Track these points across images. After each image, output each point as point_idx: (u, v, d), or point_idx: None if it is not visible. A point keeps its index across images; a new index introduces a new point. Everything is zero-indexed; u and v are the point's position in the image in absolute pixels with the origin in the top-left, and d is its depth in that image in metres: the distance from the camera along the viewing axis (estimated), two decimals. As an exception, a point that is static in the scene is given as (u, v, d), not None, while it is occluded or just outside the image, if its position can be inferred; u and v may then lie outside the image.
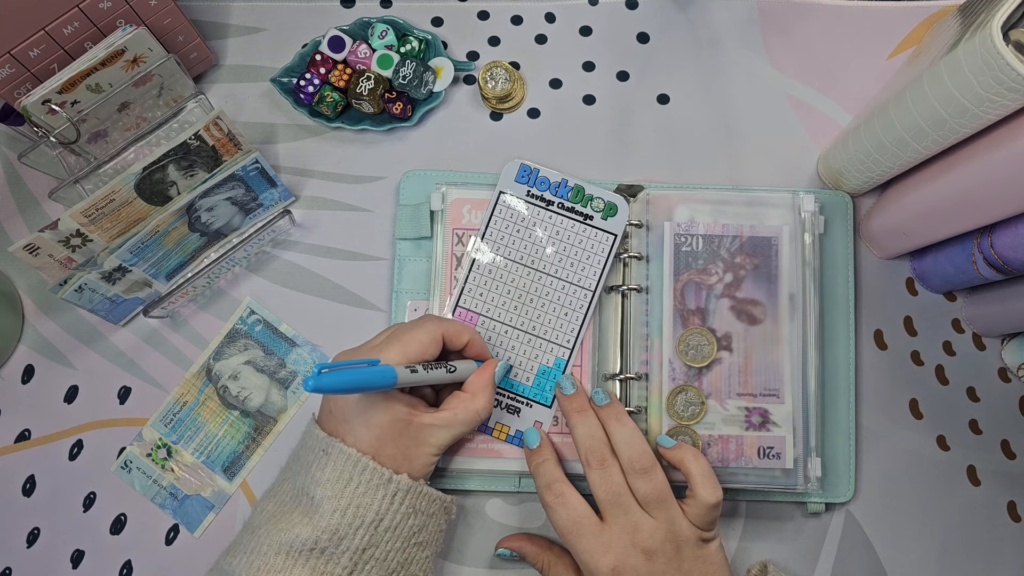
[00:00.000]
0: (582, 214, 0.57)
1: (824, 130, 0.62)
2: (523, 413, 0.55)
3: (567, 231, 0.57)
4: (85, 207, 0.50)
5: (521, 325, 0.56)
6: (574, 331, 0.56)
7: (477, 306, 0.56)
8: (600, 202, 0.57)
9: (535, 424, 0.55)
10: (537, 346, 0.56)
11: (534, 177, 0.57)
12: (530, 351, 0.56)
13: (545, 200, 0.57)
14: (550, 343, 0.56)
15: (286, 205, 0.60)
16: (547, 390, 0.55)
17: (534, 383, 0.55)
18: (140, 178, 0.52)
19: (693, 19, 0.64)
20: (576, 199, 0.57)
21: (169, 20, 0.56)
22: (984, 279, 0.53)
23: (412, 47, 0.61)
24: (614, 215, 0.57)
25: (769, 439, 0.54)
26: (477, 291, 0.56)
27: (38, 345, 0.59)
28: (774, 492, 0.55)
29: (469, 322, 0.56)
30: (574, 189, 0.57)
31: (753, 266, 0.56)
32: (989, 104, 0.43)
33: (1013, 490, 0.58)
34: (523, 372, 0.56)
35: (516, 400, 0.55)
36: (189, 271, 0.60)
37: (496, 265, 0.56)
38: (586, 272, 0.56)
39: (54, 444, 0.58)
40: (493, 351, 0.56)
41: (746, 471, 0.54)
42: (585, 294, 0.56)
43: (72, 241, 0.52)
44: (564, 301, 0.56)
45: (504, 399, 0.55)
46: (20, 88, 0.53)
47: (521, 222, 0.57)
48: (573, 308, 0.56)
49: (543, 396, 0.55)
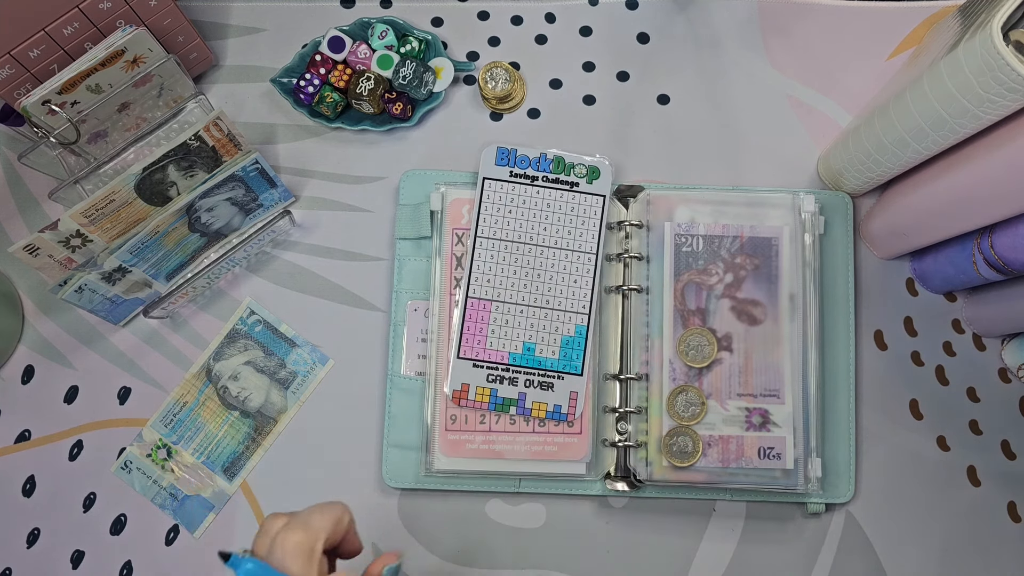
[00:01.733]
0: (567, 182, 0.57)
1: (824, 130, 0.62)
2: (557, 387, 0.55)
3: (556, 201, 0.57)
4: (85, 207, 0.50)
5: (535, 302, 0.56)
6: (587, 296, 0.56)
7: (487, 293, 0.56)
8: (582, 168, 0.58)
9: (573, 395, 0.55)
10: (555, 318, 0.56)
11: (513, 157, 0.58)
12: (549, 325, 0.56)
13: (528, 176, 0.57)
14: (567, 312, 0.56)
15: (286, 205, 0.60)
16: (575, 359, 0.56)
17: (560, 355, 0.56)
18: (140, 178, 0.52)
19: (693, 19, 0.64)
20: (558, 169, 0.57)
21: (169, 20, 0.56)
22: (984, 279, 0.53)
23: (412, 47, 0.61)
24: (598, 177, 0.57)
25: (769, 439, 0.54)
26: (484, 279, 0.56)
27: (38, 345, 0.59)
28: (774, 492, 0.55)
29: (483, 310, 0.56)
30: (554, 160, 0.58)
31: (753, 266, 0.56)
32: (989, 104, 0.43)
33: (1013, 490, 0.58)
34: (548, 347, 0.56)
35: (547, 376, 0.56)
36: (189, 271, 0.60)
37: (496, 250, 0.57)
38: (584, 237, 0.57)
39: (54, 444, 0.58)
40: (512, 333, 0.56)
41: (746, 471, 0.54)
42: (588, 258, 0.57)
43: (72, 241, 0.52)
44: (570, 269, 0.56)
45: (535, 377, 0.56)
46: (20, 89, 0.53)
47: (511, 203, 0.57)
48: (580, 274, 0.56)
49: (572, 366, 0.56)
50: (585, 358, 0.56)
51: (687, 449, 0.54)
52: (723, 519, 0.57)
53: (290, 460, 0.58)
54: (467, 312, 0.56)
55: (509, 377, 0.55)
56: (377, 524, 0.57)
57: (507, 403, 0.55)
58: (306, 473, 0.58)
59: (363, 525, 0.57)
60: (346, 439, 0.58)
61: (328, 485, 0.57)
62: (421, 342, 0.58)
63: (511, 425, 0.56)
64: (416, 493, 0.57)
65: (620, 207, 0.59)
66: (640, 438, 0.55)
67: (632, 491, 0.55)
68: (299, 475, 0.57)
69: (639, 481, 0.55)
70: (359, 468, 0.58)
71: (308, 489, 0.57)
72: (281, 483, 0.57)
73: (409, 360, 0.58)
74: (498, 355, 0.56)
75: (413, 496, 0.57)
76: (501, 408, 0.55)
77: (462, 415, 0.56)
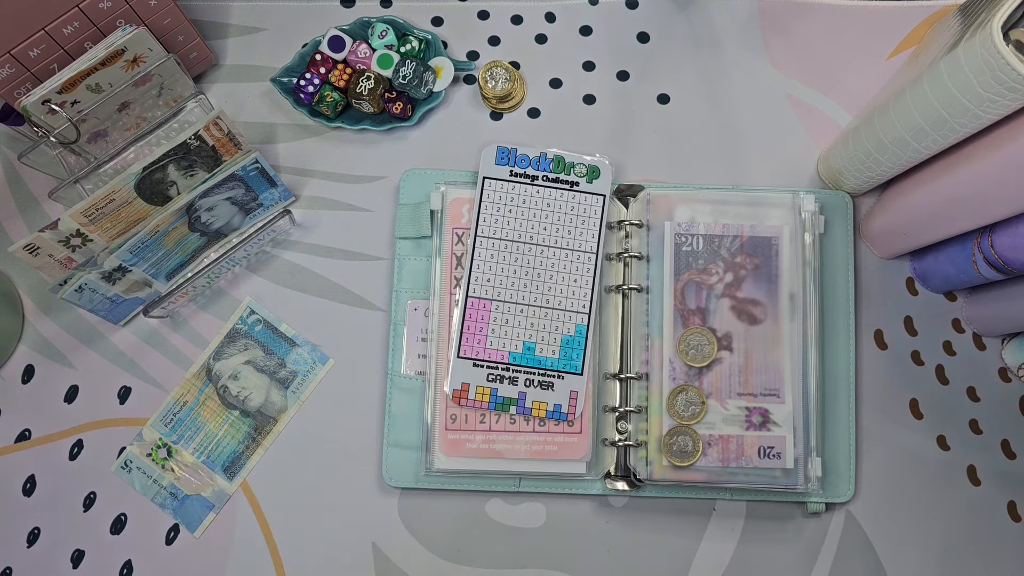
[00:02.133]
0: (567, 182, 0.57)
1: (824, 130, 0.62)
2: (557, 386, 0.55)
3: (557, 200, 0.57)
4: (85, 207, 0.50)
5: (535, 301, 0.56)
6: (587, 295, 0.56)
7: (487, 292, 0.56)
8: (582, 167, 0.58)
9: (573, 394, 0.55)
10: (555, 318, 0.56)
11: (513, 156, 0.58)
12: (550, 324, 0.56)
13: (529, 176, 0.57)
14: (567, 312, 0.56)
15: (286, 205, 0.60)
16: (575, 358, 0.56)
17: (560, 355, 0.56)
18: (140, 178, 0.52)
19: (693, 19, 0.64)
20: (558, 169, 0.57)
21: (169, 20, 0.56)
22: (984, 279, 0.53)
23: (412, 47, 0.61)
24: (598, 176, 0.57)
25: (769, 439, 0.54)
26: (484, 278, 0.56)
27: (38, 345, 0.59)
28: (774, 492, 0.55)
29: (483, 309, 0.56)
30: (554, 160, 0.58)
31: (753, 266, 0.56)
32: (989, 104, 0.43)
33: (1013, 490, 0.58)
34: (548, 347, 0.56)
35: (547, 375, 0.56)
36: (189, 271, 0.60)
37: (496, 249, 0.57)
38: (584, 236, 0.57)
39: (54, 444, 0.58)
40: (512, 332, 0.56)
41: (746, 471, 0.54)
42: (588, 257, 0.57)
43: (72, 241, 0.52)
44: (570, 268, 0.56)
45: (535, 376, 0.55)
46: (20, 88, 0.53)
47: (511, 202, 0.57)
48: (581, 274, 0.56)
49: (572, 365, 0.56)
50: (585, 357, 0.56)
51: (687, 448, 0.54)
52: (723, 518, 0.57)
53: (290, 460, 0.58)
54: (467, 311, 0.56)
55: (509, 376, 0.55)
56: (377, 524, 0.57)
57: (507, 402, 0.55)
58: (306, 473, 0.58)
59: (363, 525, 0.57)
60: (346, 439, 0.58)
61: (328, 484, 0.57)
62: (421, 341, 0.58)
63: (511, 424, 0.56)
64: (416, 492, 0.57)
65: (620, 206, 0.59)
66: (640, 437, 0.55)
67: (632, 491, 0.55)
68: (299, 474, 0.57)
69: (639, 480, 0.55)
70: (359, 467, 0.58)
71: (308, 488, 0.57)
72: (281, 483, 0.57)
73: (409, 359, 0.58)
74: (498, 354, 0.56)
75: (413, 496, 0.57)
76: (501, 407, 0.55)
77: (462, 414, 0.56)
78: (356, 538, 0.57)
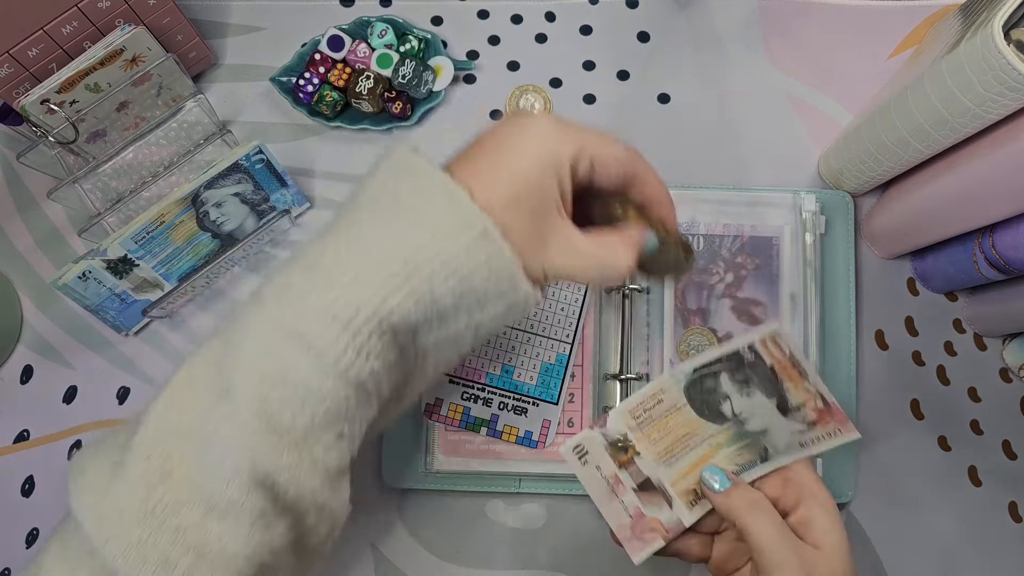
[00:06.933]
0: None
1: (825, 130, 0.62)
2: (530, 413, 0.55)
3: None
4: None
5: (519, 324, 0.56)
6: (572, 324, 0.56)
7: None
8: None
9: (546, 423, 0.55)
10: (537, 344, 0.56)
11: None
12: (530, 350, 0.56)
13: None
14: (549, 339, 0.56)
15: (301, 211, 0.60)
16: (552, 387, 0.55)
17: (538, 381, 0.55)
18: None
19: (693, 18, 0.64)
20: None
21: (168, 19, 0.56)
22: (985, 279, 0.53)
23: (412, 46, 0.61)
24: None
25: (770, 439, 0.54)
26: None
27: (37, 345, 0.59)
28: (775, 492, 0.55)
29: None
30: None
31: (754, 266, 0.56)
32: (990, 104, 0.43)
33: (1014, 490, 0.58)
34: (526, 372, 0.55)
35: (522, 400, 0.55)
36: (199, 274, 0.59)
37: None
38: None
39: (53, 444, 0.58)
40: (492, 353, 0.55)
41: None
42: (577, 286, 0.56)
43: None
44: (558, 296, 0.56)
45: (510, 400, 0.55)
46: (19, 88, 0.53)
47: None
48: (568, 302, 0.56)
49: (549, 394, 0.55)
50: (562, 388, 0.55)
51: (687, 449, 0.54)
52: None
53: (290, 460, 0.58)
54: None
55: (484, 397, 0.55)
56: (377, 524, 0.57)
57: (479, 423, 0.55)
58: (306, 473, 0.57)
59: (363, 525, 0.57)
60: (346, 439, 0.58)
61: (328, 485, 0.57)
62: (421, 342, 0.58)
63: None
64: (416, 493, 0.57)
65: (620, 206, 0.58)
66: (640, 438, 0.55)
67: (632, 491, 0.55)
68: (299, 475, 0.57)
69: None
70: (359, 468, 0.57)
71: (308, 489, 0.57)
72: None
73: (409, 360, 0.58)
74: (476, 374, 0.55)
75: (413, 496, 0.57)
76: (472, 428, 0.55)
77: (462, 415, 0.55)
78: (356, 538, 0.57)
